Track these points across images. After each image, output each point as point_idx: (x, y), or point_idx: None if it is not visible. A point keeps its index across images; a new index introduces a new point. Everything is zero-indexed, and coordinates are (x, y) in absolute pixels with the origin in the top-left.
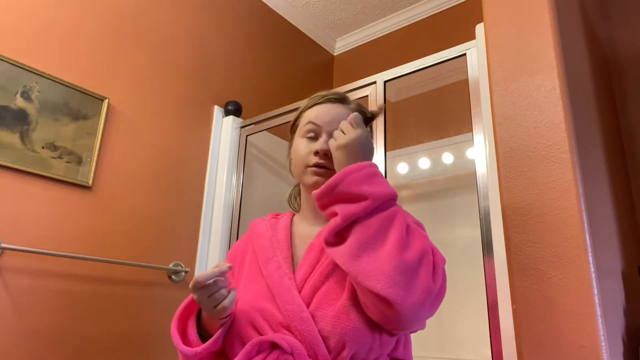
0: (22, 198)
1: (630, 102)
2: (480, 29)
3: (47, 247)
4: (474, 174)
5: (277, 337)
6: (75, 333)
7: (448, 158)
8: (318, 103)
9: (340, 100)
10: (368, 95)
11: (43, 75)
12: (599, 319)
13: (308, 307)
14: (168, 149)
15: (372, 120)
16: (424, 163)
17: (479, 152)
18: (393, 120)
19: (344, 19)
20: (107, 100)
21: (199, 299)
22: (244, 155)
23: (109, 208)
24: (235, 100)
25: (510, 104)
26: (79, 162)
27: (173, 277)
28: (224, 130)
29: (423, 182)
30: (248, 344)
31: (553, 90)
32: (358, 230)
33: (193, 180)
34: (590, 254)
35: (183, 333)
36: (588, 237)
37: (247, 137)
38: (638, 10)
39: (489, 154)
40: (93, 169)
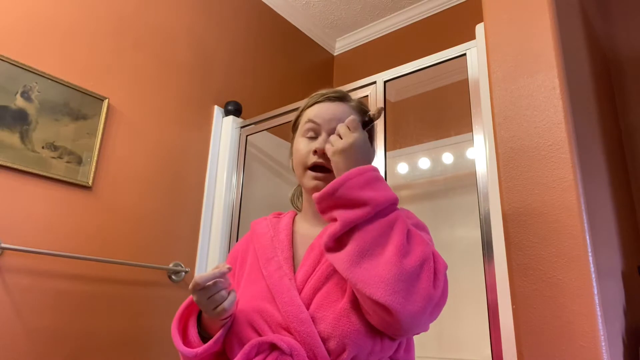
0: (22, 198)
1: (630, 102)
2: (480, 29)
3: (47, 247)
4: (474, 174)
5: (276, 338)
6: (75, 333)
7: (448, 158)
8: (318, 102)
9: (340, 99)
10: (368, 95)
11: (43, 75)
12: (599, 319)
13: (308, 308)
14: (168, 149)
15: (370, 124)
16: (424, 163)
17: (479, 152)
18: (393, 120)
19: (344, 19)
20: (107, 100)
21: (199, 301)
22: (244, 155)
23: (109, 208)
24: (235, 100)
25: (510, 104)
26: (79, 162)
27: (173, 277)
28: (224, 130)
29: (423, 182)
30: (247, 345)
31: (553, 90)
32: (358, 237)
33: (193, 180)
34: (590, 254)
35: (184, 333)
36: (588, 237)
37: (247, 137)
38: (638, 10)
39: (489, 154)
40: (93, 169)
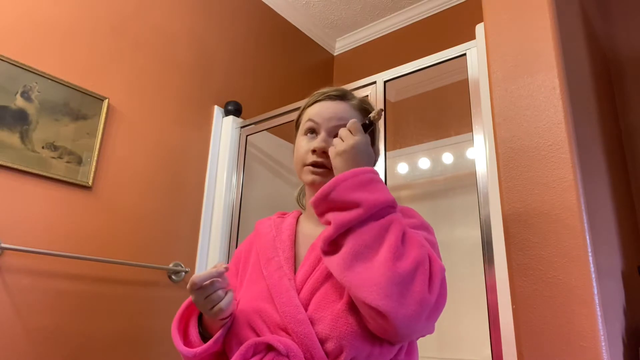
0: (22, 198)
1: (630, 102)
2: (480, 29)
3: (47, 247)
4: (474, 174)
5: (272, 339)
6: (75, 333)
7: (448, 158)
8: (318, 100)
9: (341, 97)
10: (368, 95)
11: (43, 75)
12: (599, 319)
13: (307, 308)
14: (168, 149)
15: (371, 126)
16: (424, 163)
17: (479, 152)
18: (393, 120)
19: (344, 19)
20: (107, 100)
21: (196, 300)
22: (244, 155)
23: (109, 208)
24: (235, 100)
25: (510, 104)
26: (79, 162)
27: (173, 277)
28: (224, 130)
29: (423, 182)
30: (243, 346)
31: (553, 90)
32: (351, 240)
33: (193, 180)
34: (590, 254)
35: (185, 333)
36: (588, 237)
37: (247, 137)
38: (638, 10)
39: (489, 154)
40: (93, 169)
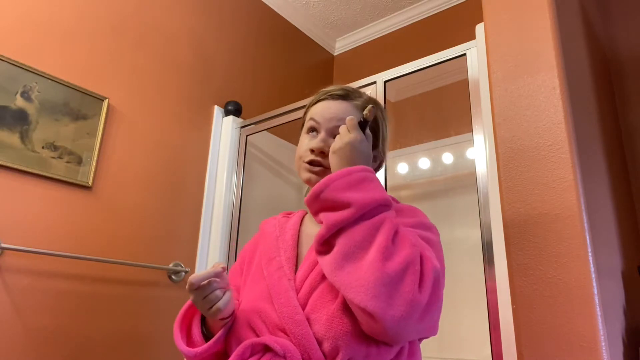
0: (22, 198)
1: (630, 102)
2: (480, 29)
3: (47, 247)
4: (474, 174)
5: (269, 339)
6: (75, 333)
7: (448, 158)
8: (322, 99)
9: (344, 97)
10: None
11: (43, 75)
12: (599, 319)
13: (305, 308)
14: (168, 149)
15: (366, 124)
16: (424, 163)
17: (479, 152)
18: (393, 120)
19: (344, 19)
20: (107, 100)
21: (195, 300)
22: (244, 155)
23: (109, 208)
24: (235, 100)
25: (510, 104)
26: (79, 162)
27: (173, 277)
28: (224, 130)
29: (423, 182)
30: (240, 346)
31: (553, 90)
32: (342, 239)
33: (193, 180)
34: (590, 254)
35: (188, 333)
36: (588, 237)
37: (247, 137)
38: (638, 10)
39: (489, 154)
40: (93, 169)
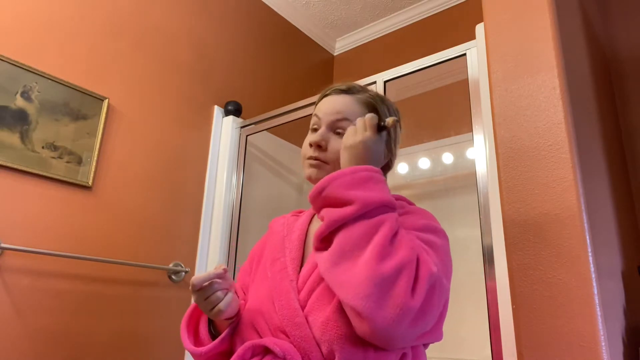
0: (22, 198)
1: (630, 102)
2: (480, 29)
3: (47, 247)
4: (474, 174)
5: (269, 341)
6: (75, 333)
7: (448, 158)
8: (326, 94)
9: (346, 91)
10: None
11: (43, 75)
12: (599, 319)
13: (304, 309)
14: (168, 149)
15: (384, 129)
16: (424, 163)
17: (479, 152)
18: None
19: (344, 19)
20: (107, 100)
21: (197, 301)
22: (244, 155)
23: (109, 208)
24: (235, 100)
25: (510, 104)
26: (79, 162)
27: (173, 277)
28: (224, 130)
29: (423, 182)
30: (241, 348)
31: (553, 90)
32: (340, 237)
33: (193, 180)
34: (590, 254)
35: (196, 332)
36: (588, 237)
37: (247, 137)
38: (638, 10)
39: (489, 154)
40: (93, 169)
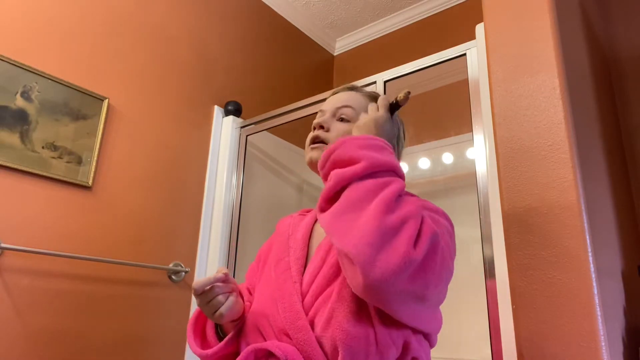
0: (22, 198)
1: (630, 102)
2: (480, 29)
3: (47, 247)
4: (474, 174)
5: (272, 345)
6: (75, 333)
7: (448, 158)
8: (331, 95)
9: (350, 88)
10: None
11: (43, 75)
12: (599, 319)
13: (310, 311)
14: (168, 149)
15: (397, 108)
16: (424, 163)
17: (479, 152)
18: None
19: (344, 19)
20: (107, 100)
21: (200, 305)
22: (244, 155)
23: (109, 208)
24: (235, 100)
25: (510, 104)
26: (79, 162)
27: (173, 277)
28: (224, 130)
29: (423, 182)
30: (244, 351)
31: (553, 90)
32: (347, 193)
33: (193, 180)
34: (590, 254)
35: (203, 334)
36: (588, 237)
37: (247, 137)
38: (638, 10)
39: (489, 154)
40: (93, 169)
